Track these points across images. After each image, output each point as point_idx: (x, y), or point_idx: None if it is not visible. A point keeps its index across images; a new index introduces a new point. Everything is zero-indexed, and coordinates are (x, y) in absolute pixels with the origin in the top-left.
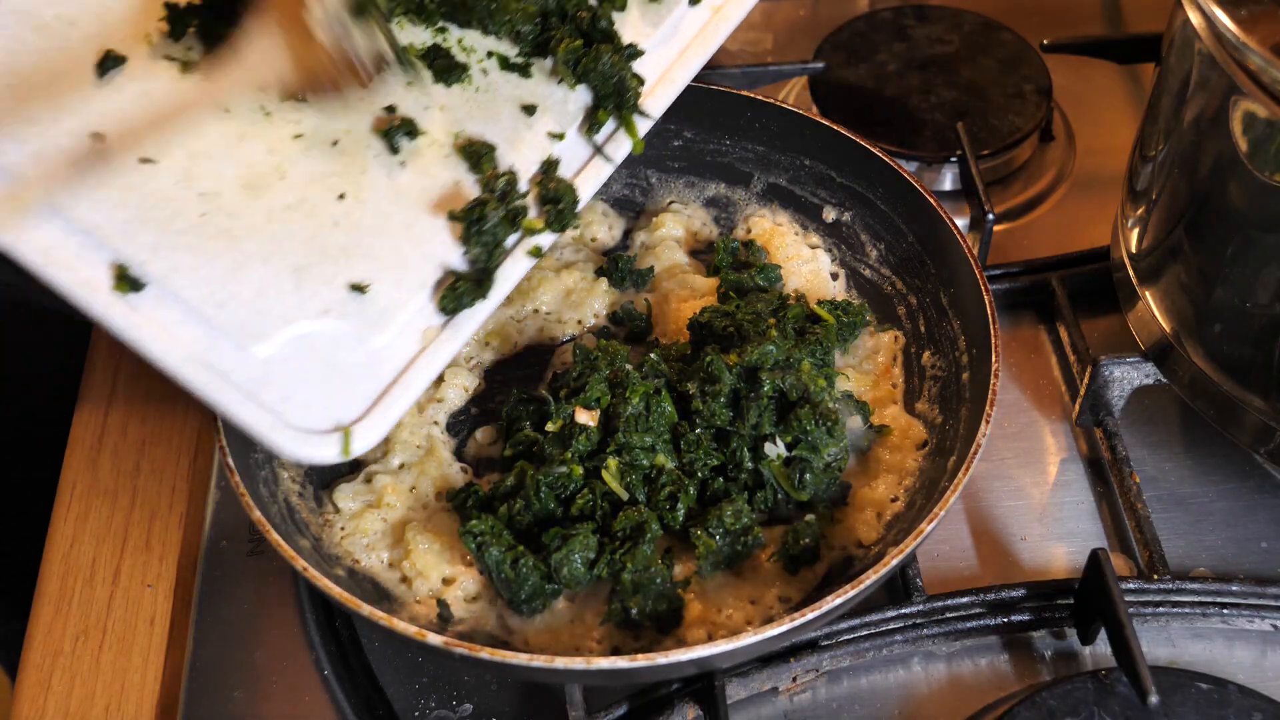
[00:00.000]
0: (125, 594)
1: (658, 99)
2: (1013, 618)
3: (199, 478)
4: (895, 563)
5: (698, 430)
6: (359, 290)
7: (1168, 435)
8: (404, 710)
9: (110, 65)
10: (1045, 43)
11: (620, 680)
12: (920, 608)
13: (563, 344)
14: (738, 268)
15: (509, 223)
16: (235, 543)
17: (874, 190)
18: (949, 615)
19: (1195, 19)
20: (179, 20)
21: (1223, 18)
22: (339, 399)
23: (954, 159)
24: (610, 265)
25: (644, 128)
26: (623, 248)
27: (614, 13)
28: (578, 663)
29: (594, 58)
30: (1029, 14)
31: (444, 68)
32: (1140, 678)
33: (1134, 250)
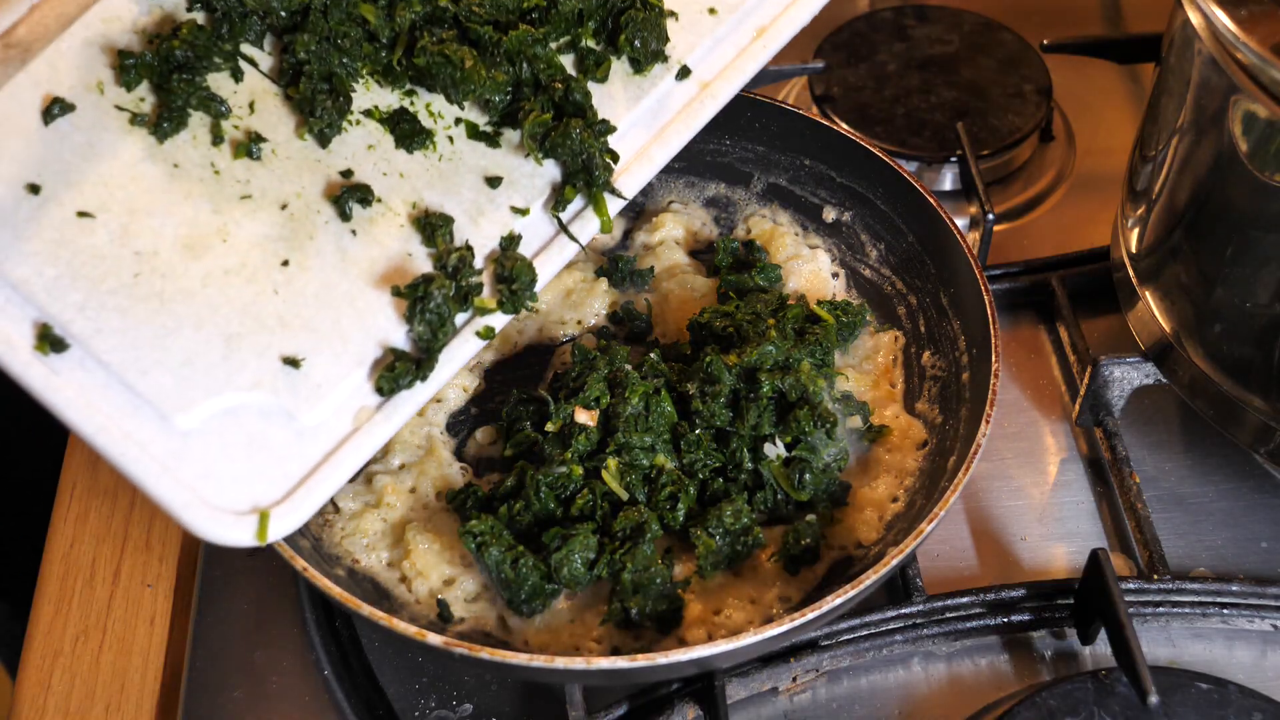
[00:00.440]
0: (125, 594)
1: (633, 177)
2: (1013, 618)
3: None
4: (895, 563)
5: (698, 431)
6: (292, 364)
7: (1168, 435)
8: (404, 710)
9: (56, 113)
10: (1045, 43)
11: (620, 680)
12: (920, 608)
13: (563, 344)
14: (738, 268)
15: (459, 301)
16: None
17: (874, 190)
18: (949, 615)
19: (1195, 19)
20: (133, 69)
21: (1223, 18)
22: (261, 478)
23: (954, 159)
24: (610, 265)
25: (615, 207)
26: (623, 248)
27: (592, 84)
28: (578, 663)
29: (563, 133)
30: (1029, 14)
31: (407, 133)
32: (1140, 678)
33: (1134, 250)
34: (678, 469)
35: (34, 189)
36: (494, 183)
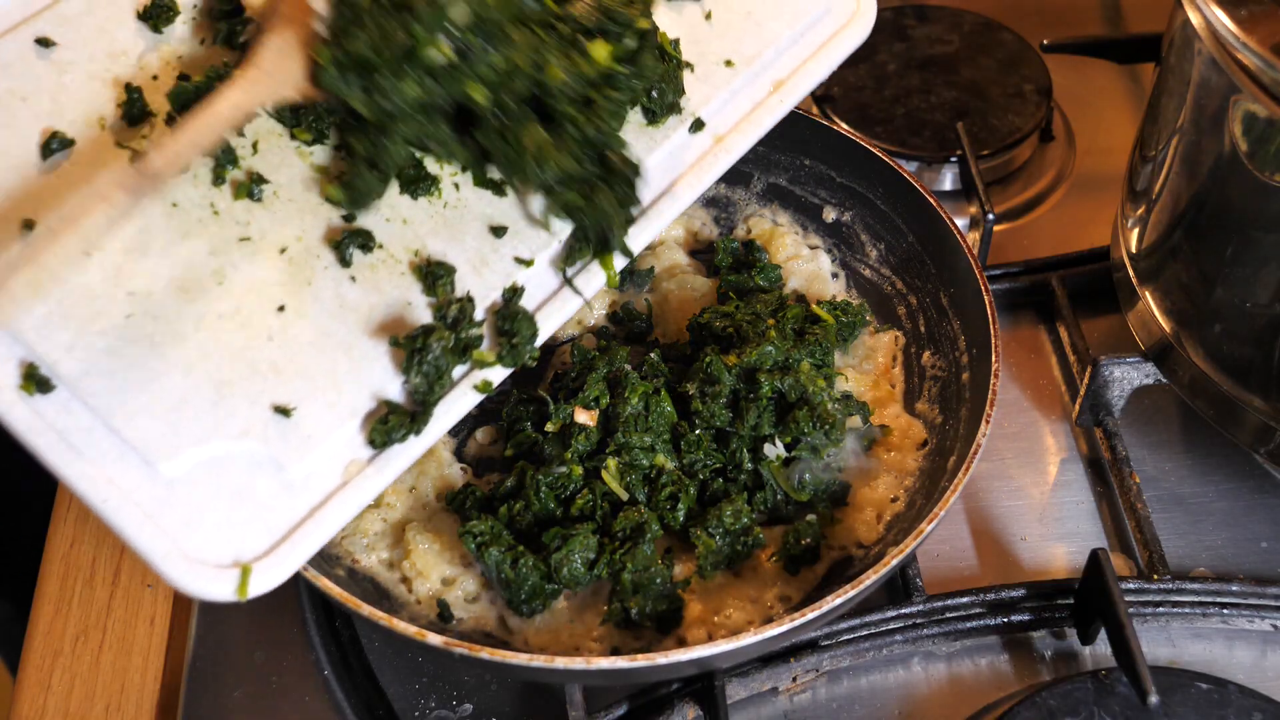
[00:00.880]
0: (125, 594)
1: (641, 232)
2: (1013, 618)
3: None
4: (895, 563)
5: (698, 431)
6: (283, 413)
7: (1168, 435)
8: (404, 710)
9: (55, 148)
10: (1045, 43)
11: (620, 680)
12: (920, 608)
13: (562, 344)
14: (738, 268)
15: (457, 353)
16: None
17: (874, 190)
18: (949, 615)
19: (1195, 19)
20: (138, 104)
21: (1223, 18)
22: (244, 531)
23: (954, 159)
24: None
25: (621, 264)
26: None
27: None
28: (578, 663)
29: (591, 204)
30: (1029, 14)
31: (412, 179)
32: (1140, 678)
33: (1134, 250)
34: (678, 469)
35: (28, 225)
36: (499, 232)
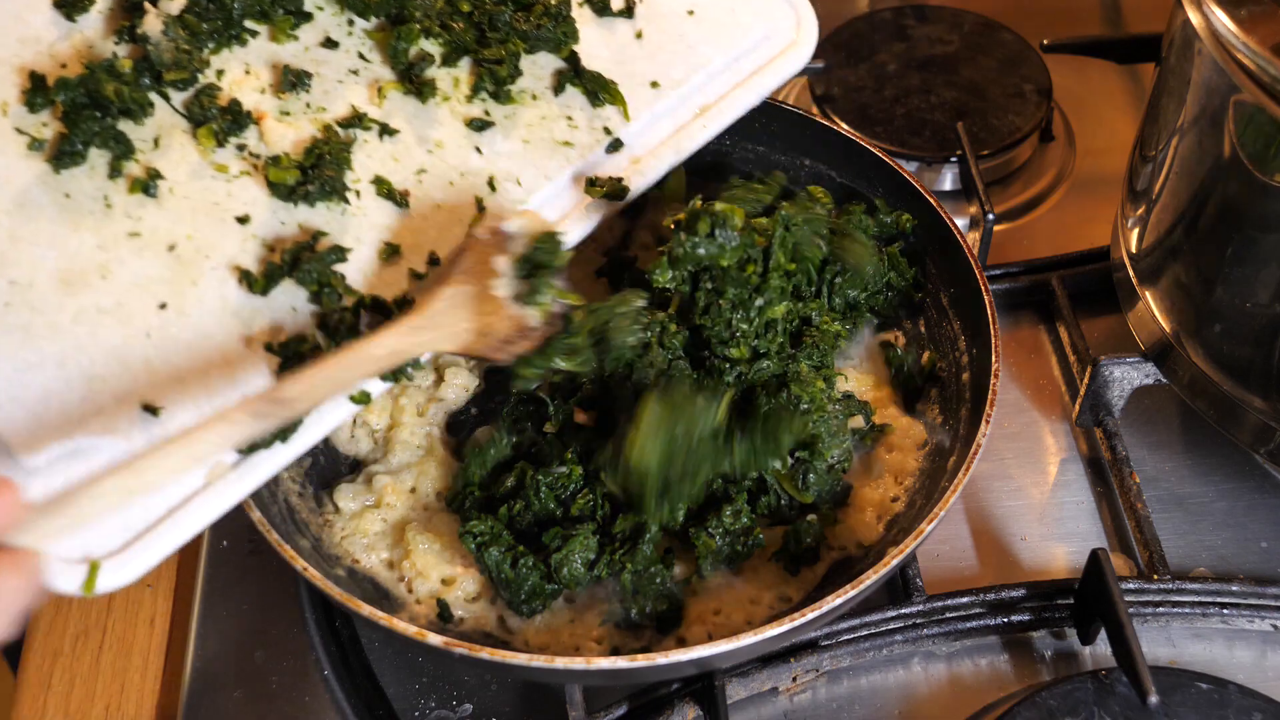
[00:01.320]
0: (125, 594)
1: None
2: (1013, 618)
3: None
4: (895, 563)
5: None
6: (150, 411)
7: (1168, 435)
8: (404, 710)
9: None
10: (1045, 43)
11: (620, 680)
12: (920, 608)
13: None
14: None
15: None
16: (235, 543)
17: (874, 190)
18: (949, 615)
19: (1195, 19)
20: (41, 91)
21: (1223, 18)
22: (97, 527)
23: (954, 159)
24: (610, 265)
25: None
26: (623, 248)
27: (514, 145)
28: (578, 663)
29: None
30: (1029, 14)
31: (323, 190)
32: (1140, 678)
33: (1134, 250)
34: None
35: None
36: (393, 249)
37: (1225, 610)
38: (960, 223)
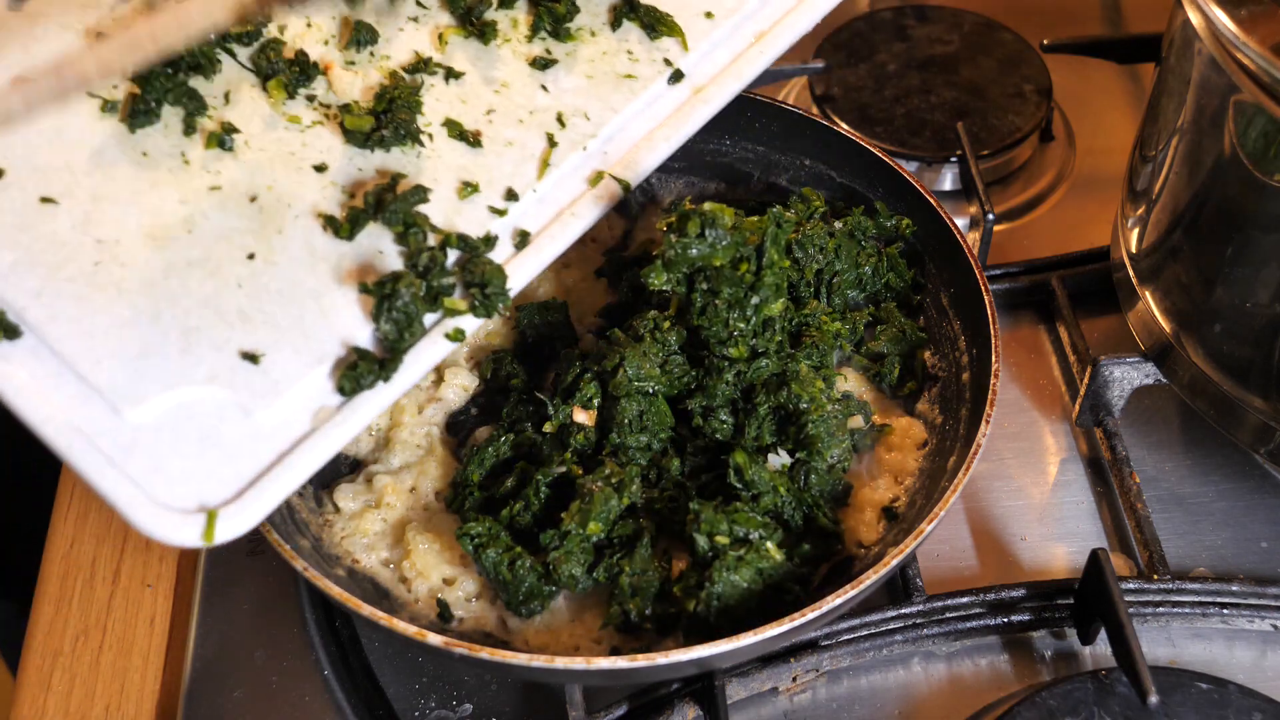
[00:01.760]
0: (125, 594)
1: (625, 173)
2: (1013, 618)
3: None
4: (895, 563)
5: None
6: (251, 359)
7: (1168, 435)
8: (404, 710)
9: None
10: (1045, 43)
11: (620, 680)
12: (920, 608)
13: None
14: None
15: (429, 301)
16: (235, 542)
17: (874, 190)
18: (949, 615)
19: (1195, 19)
20: None
21: (1223, 18)
22: (211, 477)
23: (954, 159)
24: (610, 265)
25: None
26: (623, 248)
27: (579, 80)
28: (578, 663)
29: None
30: (1029, 14)
31: (397, 134)
32: (1140, 678)
33: (1134, 250)
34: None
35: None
36: (471, 187)
37: (1225, 610)
38: (960, 223)
